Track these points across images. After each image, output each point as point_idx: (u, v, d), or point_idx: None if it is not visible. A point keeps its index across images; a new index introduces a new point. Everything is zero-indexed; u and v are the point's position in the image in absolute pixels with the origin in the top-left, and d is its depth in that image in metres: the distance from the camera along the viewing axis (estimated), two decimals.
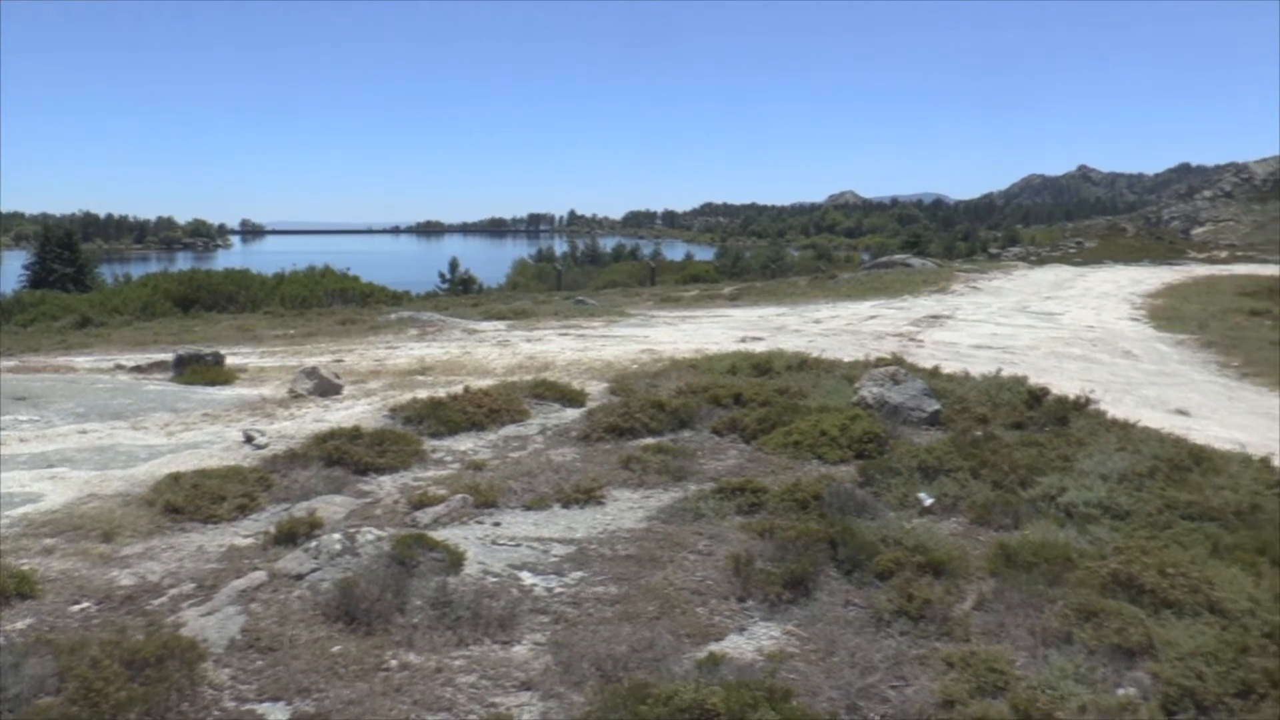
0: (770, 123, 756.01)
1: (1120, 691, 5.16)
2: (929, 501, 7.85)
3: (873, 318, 22.70)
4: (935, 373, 12.17)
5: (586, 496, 8.10)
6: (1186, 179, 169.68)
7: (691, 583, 6.41)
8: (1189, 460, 8.58)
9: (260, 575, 6.19)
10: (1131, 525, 7.29)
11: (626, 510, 7.93)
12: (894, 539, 6.84)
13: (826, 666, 5.33)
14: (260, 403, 11.82)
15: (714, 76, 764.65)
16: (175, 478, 8.10)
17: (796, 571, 6.26)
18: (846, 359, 13.73)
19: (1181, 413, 13.12)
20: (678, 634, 5.66)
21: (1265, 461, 8.77)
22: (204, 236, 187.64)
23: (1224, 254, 60.32)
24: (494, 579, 6.33)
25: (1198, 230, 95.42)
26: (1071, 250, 65.88)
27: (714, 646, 5.53)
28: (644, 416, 10.23)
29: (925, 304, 25.78)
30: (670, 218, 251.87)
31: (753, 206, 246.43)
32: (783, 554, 6.55)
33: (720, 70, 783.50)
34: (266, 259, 63.48)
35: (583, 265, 60.00)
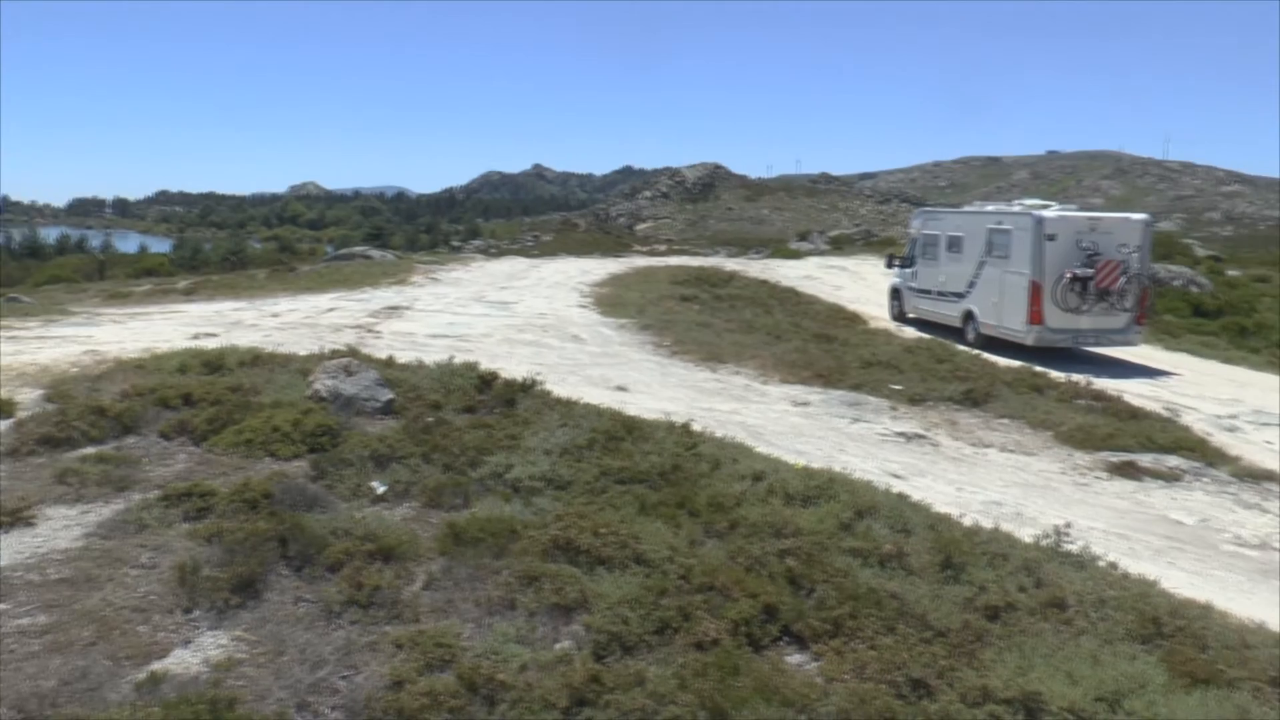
0: (229, 109, 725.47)
1: (558, 646, 5.59)
2: (382, 489, 7.96)
3: (332, 310, 22.43)
4: (390, 363, 12.30)
5: (13, 519, 7.37)
6: (630, 180, 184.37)
7: (133, 600, 6.06)
8: (622, 430, 9.37)
9: None
10: (572, 494, 7.87)
11: (61, 529, 7.31)
12: (345, 530, 6.88)
13: (276, 667, 5.25)
14: None
15: (171, 57, 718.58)
16: None
17: (245, 574, 6.11)
18: (303, 353, 13.47)
19: (621, 389, 14.22)
20: (116, 658, 5.34)
21: (686, 427, 9.78)
22: None
23: (663, 247, 65.80)
24: None
25: (641, 226, 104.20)
26: (529, 244, 68.99)
27: (156, 665, 5.26)
28: (83, 424, 9.47)
29: (385, 296, 25.83)
30: (122, 206, 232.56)
31: (212, 196, 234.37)
32: (231, 558, 6.36)
33: (177, 51, 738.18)
34: None
35: (20, 259, 53.85)
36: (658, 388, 14.83)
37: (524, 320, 21.69)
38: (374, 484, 8.04)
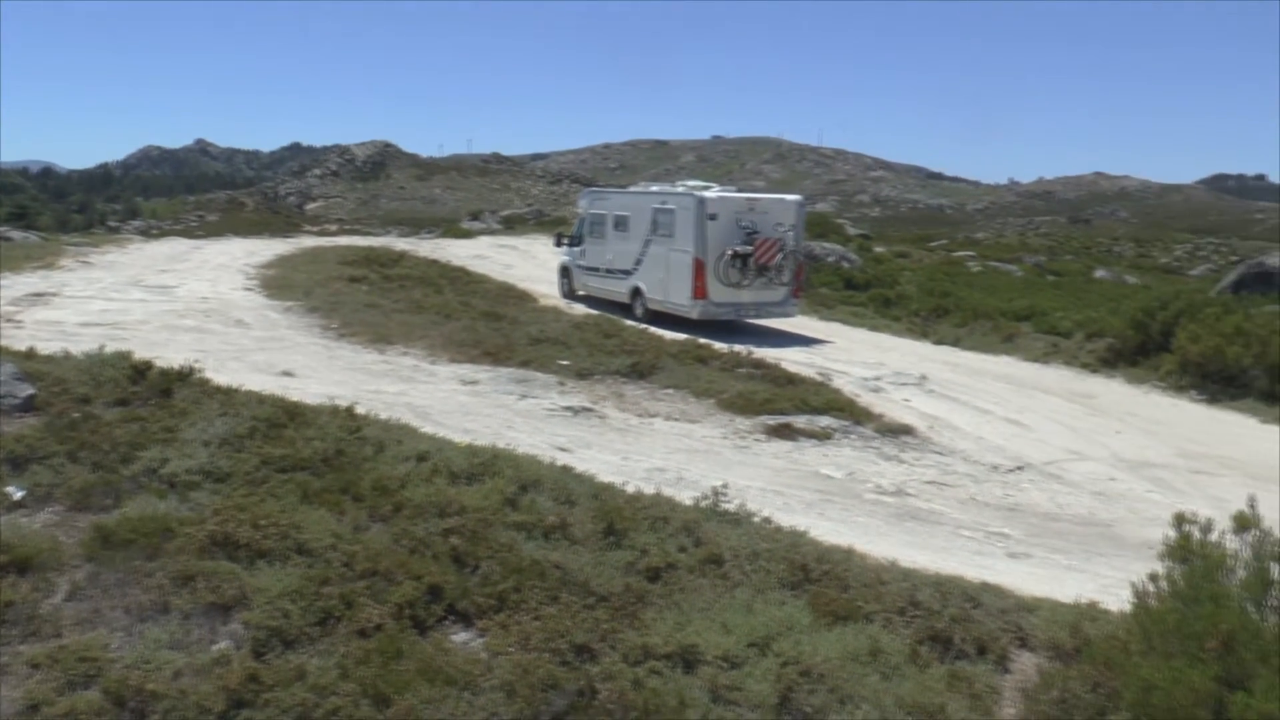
0: None
1: (215, 647, 5.41)
2: (20, 494, 7.38)
3: None
4: (31, 354, 11.40)
5: None
6: (299, 157, 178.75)
7: None
8: (285, 417, 9.12)
9: None
10: (231, 486, 7.59)
11: None
12: None
13: None
14: None
15: None
16: None
17: None
18: None
19: (287, 374, 13.83)
20: None
21: (350, 410, 9.63)
22: None
23: (334, 227, 63.97)
24: None
25: (311, 205, 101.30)
26: (194, 224, 65.59)
27: None
28: None
29: (29, 281, 23.80)
30: None
31: None
32: None
33: None
34: None
35: None
36: (324, 371, 14.53)
37: (185, 305, 20.63)
38: (10, 489, 7.44)
